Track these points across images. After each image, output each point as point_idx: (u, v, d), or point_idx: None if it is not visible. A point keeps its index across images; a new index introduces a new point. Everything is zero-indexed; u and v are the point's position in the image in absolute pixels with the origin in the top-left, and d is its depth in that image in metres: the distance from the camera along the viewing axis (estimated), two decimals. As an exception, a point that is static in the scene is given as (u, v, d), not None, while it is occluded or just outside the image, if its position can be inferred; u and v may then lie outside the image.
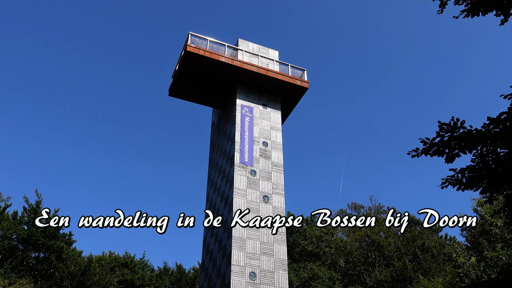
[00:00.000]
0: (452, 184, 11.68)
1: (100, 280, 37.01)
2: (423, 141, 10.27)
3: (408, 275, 39.31)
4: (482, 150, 10.99)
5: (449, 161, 10.40)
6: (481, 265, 22.07)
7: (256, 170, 30.69)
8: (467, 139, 9.85)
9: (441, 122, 9.92)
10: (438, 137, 10.12)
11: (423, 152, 10.35)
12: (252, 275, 27.32)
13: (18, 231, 32.56)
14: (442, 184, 11.87)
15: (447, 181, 11.71)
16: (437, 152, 10.24)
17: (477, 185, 10.81)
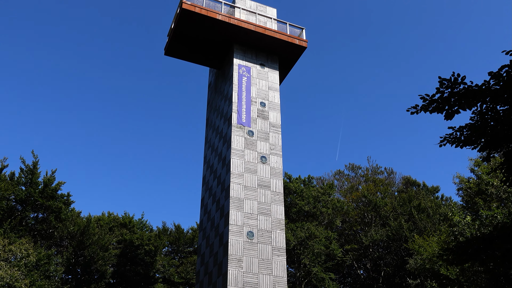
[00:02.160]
0: (450, 142, 11.57)
1: (99, 239, 37.44)
2: (422, 97, 10.07)
3: (403, 234, 39.85)
4: (482, 107, 10.81)
5: (448, 118, 10.23)
6: (476, 224, 22.26)
7: (253, 131, 30.54)
8: (467, 95, 9.65)
9: (442, 77, 9.69)
10: (438, 93, 9.91)
11: (422, 108, 10.16)
12: (249, 235, 27.59)
13: (15, 192, 32.64)
14: (441, 142, 11.76)
15: (446, 139, 11.59)
16: (437, 108, 10.06)
17: (476, 142, 10.68)
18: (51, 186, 33.84)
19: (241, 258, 26.74)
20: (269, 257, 27.51)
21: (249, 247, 27.30)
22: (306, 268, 39.33)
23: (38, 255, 30.42)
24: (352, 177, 50.62)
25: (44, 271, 31.55)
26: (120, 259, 42.18)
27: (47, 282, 31.06)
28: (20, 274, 24.94)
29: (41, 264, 31.22)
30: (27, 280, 25.62)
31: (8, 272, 23.86)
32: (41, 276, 30.99)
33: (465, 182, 27.34)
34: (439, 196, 46.91)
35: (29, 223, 33.94)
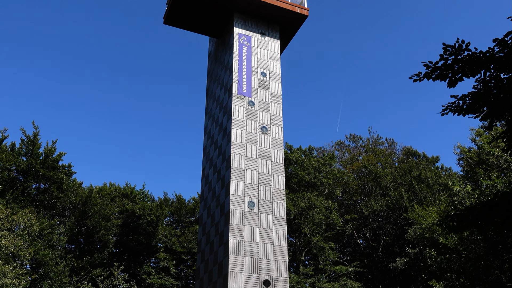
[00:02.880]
0: (452, 111, 11.50)
1: (101, 210, 37.75)
2: (426, 64, 9.92)
3: (403, 204, 40.14)
4: (485, 75, 10.69)
5: (451, 85, 10.11)
6: (476, 194, 22.36)
7: (254, 101, 30.39)
8: (471, 62, 9.51)
9: (446, 44, 9.53)
10: (442, 60, 9.77)
11: (425, 76, 10.04)
12: (250, 205, 27.78)
13: (17, 163, 32.73)
14: (443, 111, 11.70)
15: (448, 108, 11.52)
16: (440, 76, 9.93)
17: (478, 110, 10.60)
18: (52, 157, 33.89)
19: (242, 228, 26.99)
20: (270, 227, 27.77)
21: (250, 217, 27.52)
22: (306, 238, 39.78)
23: (41, 225, 30.71)
24: (353, 148, 50.69)
25: (47, 241, 31.92)
26: (122, 229, 42.64)
27: (50, 251, 31.46)
28: (24, 244, 25.24)
29: (44, 234, 31.57)
30: (31, 249, 25.95)
31: (12, 241, 24.13)
32: (45, 246, 31.37)
33: (466, 152, 27.35)
34: (439, 166, 47.05)
35: (31, 193, 34.15)
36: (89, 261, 35.45)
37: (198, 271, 31.33)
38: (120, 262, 36.19)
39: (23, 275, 24.31)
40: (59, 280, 31.60)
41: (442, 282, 26.55)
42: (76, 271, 35.57)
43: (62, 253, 35.08)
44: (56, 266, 31.96)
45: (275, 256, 27.07)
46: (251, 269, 26.09)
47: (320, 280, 37.87)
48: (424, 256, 33.10)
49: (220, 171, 30.22)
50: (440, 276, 26.37)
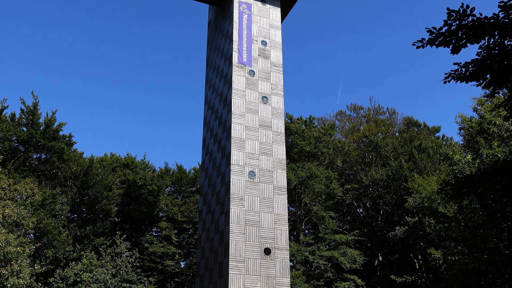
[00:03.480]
0: (455, 78, 11.39)
1: (103, 180, 37.93)
2: (429, 30, 9.76)
3: (403, 174, 40.28)
4: (489, 41, 10.53)
5: (455, 51, 9.97)
6: (476, 163, 22.39)
7: (254, 71, 30.14)
8: (476, 28, 9.34)
9: (450, 9, 9.34)
10: (446, 26, 9.59)
11: (428, 42, 9.88)
12: (251, 174, 27.89)
13: (17, 133, 32.70)
14: (445, 79, 11.60)
15: (450, 75, 11.41)
16: (443, 42, 9.77)
17: (481, 77, 10.48)
18: (52, 127, 33.84)
19: (243, 197, 27.17)
20: (271, 196, 27.95)
21: (251, 187, 27.66)
22: (306, 207, 40.10)
23: (43, 194, 30.91)
24: (354, 118, 50.54)
25: (50, 210, 32.19)
26: (124, 198, 42.95)
27: (53, 220, 31.77)
28: (27, 213, 25.45)
29: (46, 203, 31.81)
30: (34, 218, 26.19)
31: (15, 210, 24.33)
32: (48, 215, 31.66)
33: (467, 121, 27.25)
34: (440, 136, 47.02)
35: (33, 163, 34.25)
36: (92, 230, 35.85)
37: (200, 239, 31.71)
38: (122, 231, 36.61)
39: (27, 244, 24.61)
40: (63, 249, 32.02)
41: (440, 250, 26.87)
42: (79, 239, 36.01)
43: (65, 222, 35.43)
44: (59, 235, 32.34)
45: (275, 225, 27.34)
46: (251, 237, 26.39)
47: (320, 249, 38.36)
48: (423, 224, 33.44)
49: (221, 141, 30.22)
50: (439, 244, 26.68)
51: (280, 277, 26.01)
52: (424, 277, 37.16)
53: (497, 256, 21.47)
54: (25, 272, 22.77)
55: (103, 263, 29.62)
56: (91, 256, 30.29)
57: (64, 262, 33.43)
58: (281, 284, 25.86)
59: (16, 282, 22.04)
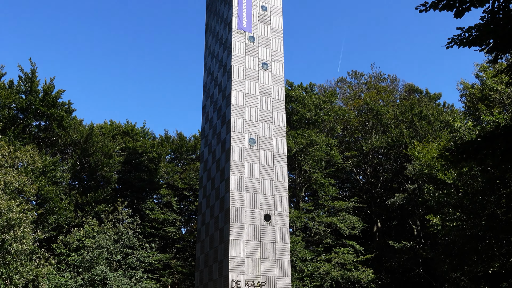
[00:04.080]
0: (458, 43, 11.22)
1: (103, 147, 37.96)
2: (432, -7, 9.51)
3: (403, 141, 40.27)
4: (494, 5, 10.30)
5: (458, 15, 9.75)
6: (477, 130, 22.33)
7: (254, 37, 29.72)
8: (480, -10, 9.11)
9: (454, -29, 9.10)
10: (449, -11, 9.36)
11: (431, 6, 9.64)
12: (251, 141, 27.88)
13: (16, 100, 32.53)
14: (448, 44, 11.42)
15: (453, 40, 11.23)
16: (447, 6, 9.54)
17: (484, 42, 10.30)
18: (51, 94, 33.63)
19: (243, 164, 27.25)
20: (271, 163, 28.03)
21: (251, 154, 27.71)
22: (306, 174, 40.28)
23: (44, 162, 30.98)
24: (355, 85, 50.16)
25: (51, 177, 32.34)
26: (125, 166, 43.11)
27: (54, 187, 31.96)
28: (28, 180, 25.56)
29: (47, 171, 31.92)
30: (35, 185, 26.32)
31: (16, 177, 24.41)
32: (49, 182, 31.83)
33: (469, 88, 27.03)
34: (441, 103, 46.78)
35: (32, 131, 34.21)
36: (93, 197, 36.11)
37: (200, 206, 31.98)
38: (123, 198, 36.88)
39: (29, 210, 24.80)
40: (65, 215, 32.33)
41: (439, 216, 27.12)
42: (81, 206, 36.34)
43: (66, 189, 35.66)
44: (61, 201, 32.60)
45: (275, 191, 27.52)
46: (252, 204, 26.61)
47: (319, 215, 38.75)
48: (422, 191, 33.66)
49: (221, 108, 30.09)
50: (437, 210, 26.90)
51: (280, 242, 26.36)
52: (422, 242, 37.66)
53: (495, 222, 21.66)
54: (28, 238, 23.03)
55: (105, 230, 29.95)
56: (93, 222, 30.60)
57: (66, 228, 33.83)
58: (281, 250, 26.22)
59: (19, 248, 22.32)
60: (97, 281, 27.51)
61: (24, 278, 23.67)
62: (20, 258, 23.11)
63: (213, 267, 27.28)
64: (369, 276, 35.44)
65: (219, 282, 25.84)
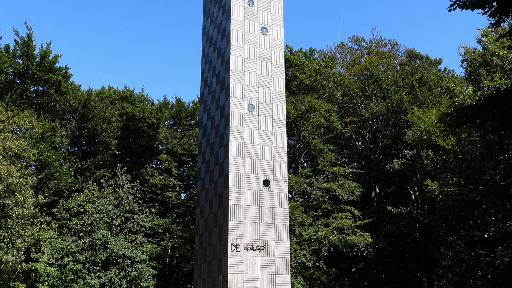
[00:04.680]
0: (460, 6, 11.05)
1: (101, 113, 37.82)
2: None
3: (403, 107, 40.15)
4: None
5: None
6: (477, 95, 22.21)
7: (254, 0, 29.20)
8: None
9: None
10: None
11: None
12: (250, 107, 27.77)
13: (13, 65, 32.17)
14: (450, 7, 11.27)
15: (455, 3, 11.06)
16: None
17: (487, 4, 10.09)
18: (48, 59, 33.22)
19: (242, 130, 27.23)
20: (270, 129, 28.01)
21: (250, 119, 27.65)
22: (305, 140, 40.31)
23: (43, 127, 30.92)
24: (355, 50, 49.60)
25: (50, 143, 32.34)
26: (123, 131, 43.09)
27: (54, 153, 32.01)
28: (27, 145, 25.56)
29: (46, 136, 31.90)
30: (35, 150, 26.35)
31: (15, 142, 24.40)
32: (48, 148, 31.85)
33: (470, 53, 26.73)
34: (441, 69, 46.39)
35: (30, 96, 33.98)
36: (93, 162, 36.21)
37: (200, 171, 32.14)
38: (123, 164, 36.99)
39: (29, 175, 24.91)
40: (65, 180, 32.51)
41: (437, 182, 27.29)
42: (80, 172, 36.49)
43: (66, 154, 35.72)
44: (61, 167, 32.71)
45: (274, 157, 27.60)
46: (251, 169, 26.73)
47: (318, 181, 39.00)
48: (421, 157, 33.78)
49: (220, 74, 29.84)
50: (436, 176, 27.05)
51: (279, 207, 26.62)
52: (420, 208, 38.07)
53: (492, 188, 21.81)
54: (29, 203, 23.24)
55: (105, 195, 30.16)
56: (93, 187, 30.78)
57: (66, 193, 34.07)
58: (279, 215, 26.51)
59: (20, 212, 22.55)
60: (98, 245, 27.90)
61: (26, 241, 24.02)
62: (22, 222, 23.37)
63: (213, 231, 27.64)
64: (367, 241, 35.98)
65: (219, 246, 26.23)
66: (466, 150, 24.11)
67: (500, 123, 8.94)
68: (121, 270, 27.89)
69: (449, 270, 27.00)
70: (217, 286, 25.51)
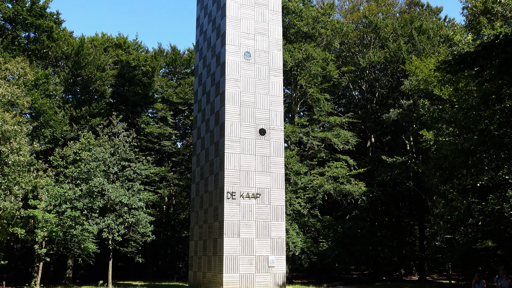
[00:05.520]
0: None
1: (95, 60, 37.21)
2: None
3: (401, 56, 39.65)
4: None
5: None
6: (476, 43, 21.86)
7: None
8: None
9: None
10: None
11: None
12: (246, 55, 27.36)
13: (2, 10, 31.26)
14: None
15: None
16: None
17: None
18: (38, 3, 32.26)
19: (238, 78, 26.95)
20: (266, 78, 27.73)
21: (246, 67, 27.31)
22: (302, 89, 40.04)
23: (36, 74, 30.46)
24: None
25: (43, 90, 31.98)
26: (118, 79, 42.60)
27: (48, 100, 31.72)
28: (20, 92, 25.24)
29: (39, 84, 31.49)
30: (29, 98, 26.06)
31: (8, 89, 24.06)
32: (42, 95, 31.53)
33: (471, 0, 26.07)
34: (441, 17, 45.48)
35: (22, 42, 33.24)
36: (88, 110, 35.98)
37: (196, 120, 32.07)
38: (118, 112, 36.79)
39: (24, 123, 24.76)
40: (60, 128, 32.40)
41: (432, 132, 27.36)
42: (76, 120, 36.33)
43: (60, 102, 35.42)
44: (55, 115, 32.51)
45: (270, 106, 27.48)
46: (247, 118, 26.67)
47: (314, 130, 39.05)
48: (417, 107, 33.71)
49: (216, 20, 29.18)
50: (431, 126, 27.07)
51: (275, 156, 26.77)
52: (414, 157, 38.38)
53: (487, 137, 21.89)
54: (24, 150, 23.21)
55: (101, 143, 30.15)
56: (88, 136, 30.73)
57: (62, 141, 34.05)
58: (275, 163, 26.69)
59: (16, 159, 22.56)
60: (95, 192, 28.19)
61: (23, 188, 24.20)
62: (18, 169, 23.44)
63: (209, 180, 27.90)
64: (361, 189, 36.49)
65: (215, 193, 26.56)
66: (462, 100, 24.01)
67: (498, 70, 8.82)
68: (118, 216, 28.32)
69: (441, 217, 27.56)
70: (214, 233, 26.04)
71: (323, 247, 35.05)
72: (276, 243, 25.51)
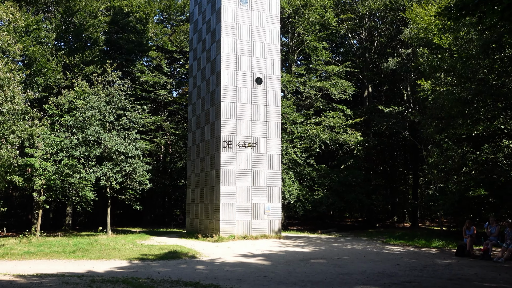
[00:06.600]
0: None
1: (87, 6, 36.19)
2: None
3: (402, 3, 38.72)
4: None
5: None
6: (479, -10, 21.24)
7: None
8: None
9: None
10: None
11: None
12: (243, 1, 26.72)
13: (-12, -49, 30.04)
14: None
15: None
16: None
17: None
18: None
19: (234, 26, 26.40)
20: (263, 25, 27.17)
21: (243, 14, 26.69)
22: (299, 38, 39.32)
23: (26, 20, 29.69)
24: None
25: (35, 37, 31.28)
26: (111, 26, 41.62)
27: (40, 47, 31.09)
28: (11, 39, 24.66)
29: (31, 30, 30.76)
30: (20, 45, 25.48)
31: (-1, 36, 23.52)
32: (34, 42, 30.86)
33: None
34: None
35: (10, -14, 32.17)
36: (81, 58, 35.36)
37: (191, 68, 31.65)
38: (112, 60, 36.15)
39: (16, 71, 24.34)
40: (53, 76, 31.95)
41: (430, 81, 27.13)
42: (69, 68, 35.76)
43: (52, 50, 34.72)
44: (48, 62, 31.96)
45: (267, 54, 27.09)
46: (243, 66, 26.33)
47: (311, 79, 38.68)
48: (416, 56, 33.26)
49: (210, -36, 28.23)
50: (429, 75, 26.80)
51: (271, 105, 26.65)
52: (411, 107, 38.27)
53: (485, 87, 21.73)
54: (18, 98, 22.94)
55: (95, 91, 29.80)
56: (83, 84, 30.32)
57: (56, 90, 33.66)
58: (271, 112, 26.61)
59: (11, 108, 22.34)
60: (91, 141, 28.17)
61: (19, 137, 24.11)
62: (13, 118, 23.26)
63: (205, 129, 27.87)
64: (357, 139, 36.60)
65: (211, 142, 26.60)
66: (462, 49, 23.64)
67: (500, 17, 8.57)
68: (115, 165, 28.44)
69: (435, 166, 27.80)
70: (210, 181, 26.29)
71: (318, 195, 35.56)
72: (272, 191, 25.85)
